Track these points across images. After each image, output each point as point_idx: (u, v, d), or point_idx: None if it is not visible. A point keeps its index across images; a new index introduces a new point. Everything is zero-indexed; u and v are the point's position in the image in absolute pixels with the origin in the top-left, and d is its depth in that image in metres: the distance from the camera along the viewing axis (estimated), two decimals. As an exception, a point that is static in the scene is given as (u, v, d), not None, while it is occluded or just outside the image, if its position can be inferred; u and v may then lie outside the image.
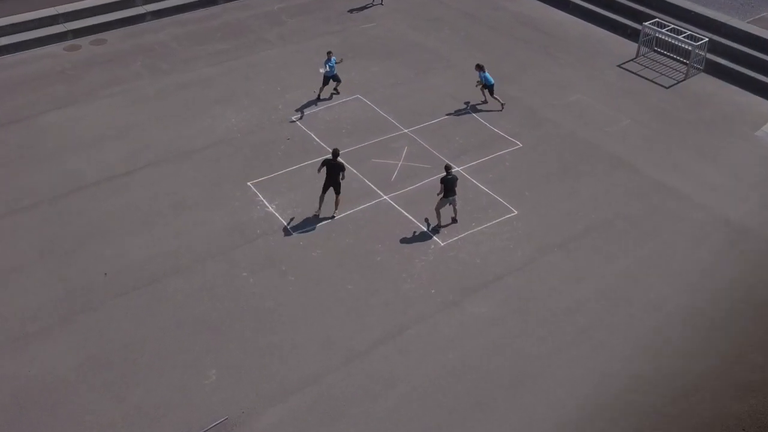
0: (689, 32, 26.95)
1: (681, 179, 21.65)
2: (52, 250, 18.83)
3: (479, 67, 24.02)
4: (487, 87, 24.13)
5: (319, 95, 24.69)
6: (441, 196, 19.05)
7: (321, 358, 16.26)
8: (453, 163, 21.62)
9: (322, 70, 24.39)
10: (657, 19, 27.81)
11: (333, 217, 19.91)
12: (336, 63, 24.23)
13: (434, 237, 19.42)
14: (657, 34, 27.54)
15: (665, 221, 20.16)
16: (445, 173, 18.99)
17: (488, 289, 18.03)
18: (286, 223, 19.75)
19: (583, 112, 24.59)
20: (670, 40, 27.14)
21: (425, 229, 19.61)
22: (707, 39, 26.63)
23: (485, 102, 24.64)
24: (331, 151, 19.97)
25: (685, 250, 19.28)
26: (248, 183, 21.15)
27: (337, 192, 19.70)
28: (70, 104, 24.42)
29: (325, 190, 19.63)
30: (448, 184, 18.91)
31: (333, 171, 19.38)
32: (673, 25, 27.39)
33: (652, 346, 16.71)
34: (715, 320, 17.37)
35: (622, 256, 19.04)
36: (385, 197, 20.75)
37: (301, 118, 23.73)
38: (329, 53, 24.18)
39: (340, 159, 19.60)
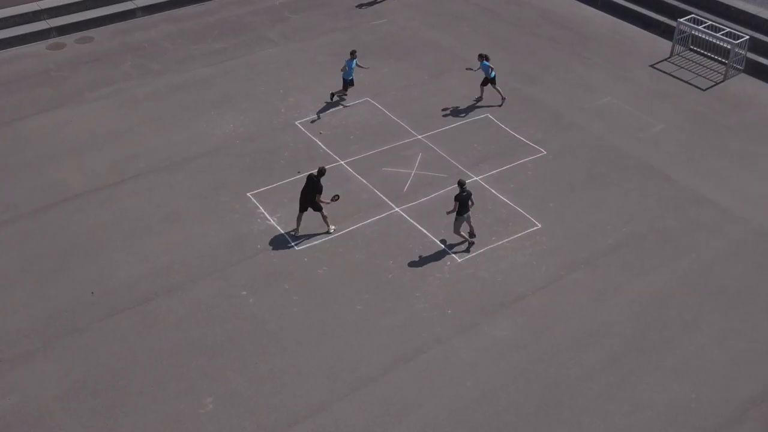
0: (728, 29, 26.97)
1: (719, 189, 21.65)
2: (33, 268, 18.95)
3: (482, 57, 24.10)
4: (489, 79, 24.26)
5: (332, 97, 24.81)
6: (455, 214, 18.98)
7: (327, 385, 16.29)
8: (471, 172, 21.72)
9: (363, 66, 24.99)
10: (693, 15, 27.85)
11: (328, 233, 19.84)
12: (356, 66, 24.33)
13: (450, 253, 19.46)
14: (693, 32, 27.57)
15: (702, 235, 20.16)
16: (459, 190, 18.93)
17: (509, 310, 18.05)
18: (288, 238, 19.85)
19: (613, 116, 24.65)
20: (707, 38, 27.18)
21: (441, 245, 19.65)
22: (748, 37, 26.64)
23: (504, 100, 24.70)
24: (336, 156, 19.92)
25: (724, 267, 19.26)
26: (248, 194, 21.26)
27: (316, 210, 19.44)
28: (54, 108, 24.62)
29: (302, 209, 19.46)
30: (463, 201, 18.88)
31: (308, 188, 19.15)
32: (710, 22, 27.42)
33: (688, 371, 16.69)
34: (757, 343, 17.34)
35: (655, 274, 19.04)
36: (396, 209, 20.83)
37: (318, 118, 23.82)
38: (353, 52, 24.27)
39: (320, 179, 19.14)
